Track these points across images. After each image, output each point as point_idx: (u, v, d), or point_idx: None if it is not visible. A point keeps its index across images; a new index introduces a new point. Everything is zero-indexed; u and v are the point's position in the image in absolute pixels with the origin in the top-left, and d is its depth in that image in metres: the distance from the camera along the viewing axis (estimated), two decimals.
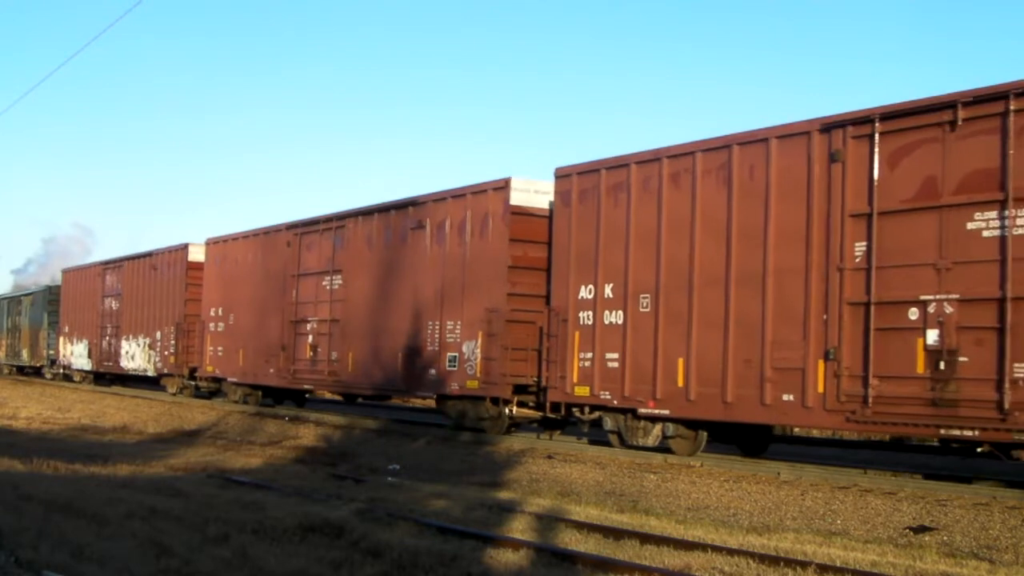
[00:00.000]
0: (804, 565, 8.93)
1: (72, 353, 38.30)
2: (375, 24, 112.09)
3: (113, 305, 34.07)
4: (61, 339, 39.65)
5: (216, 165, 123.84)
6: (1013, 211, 11.12)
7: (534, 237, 17.52)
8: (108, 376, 35.67)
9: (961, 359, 11.47)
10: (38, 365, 42.82)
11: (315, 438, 20.84)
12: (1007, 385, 11.01)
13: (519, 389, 17.54)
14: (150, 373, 31.22)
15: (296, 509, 11.49)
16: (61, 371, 39.80)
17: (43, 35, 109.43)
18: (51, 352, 41.15)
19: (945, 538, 10.72)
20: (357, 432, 20.84)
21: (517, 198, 17.61)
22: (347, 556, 9.05)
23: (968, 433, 11.49)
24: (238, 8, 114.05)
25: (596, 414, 16.14)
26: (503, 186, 17.72)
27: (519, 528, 11.07)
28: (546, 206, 17.55)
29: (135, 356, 32.14)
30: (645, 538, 10.27)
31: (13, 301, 47.34)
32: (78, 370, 37.81)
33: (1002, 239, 11.22)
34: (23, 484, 12.57)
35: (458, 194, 18.85)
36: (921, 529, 11.01)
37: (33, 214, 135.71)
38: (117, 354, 33.53)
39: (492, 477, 15.55)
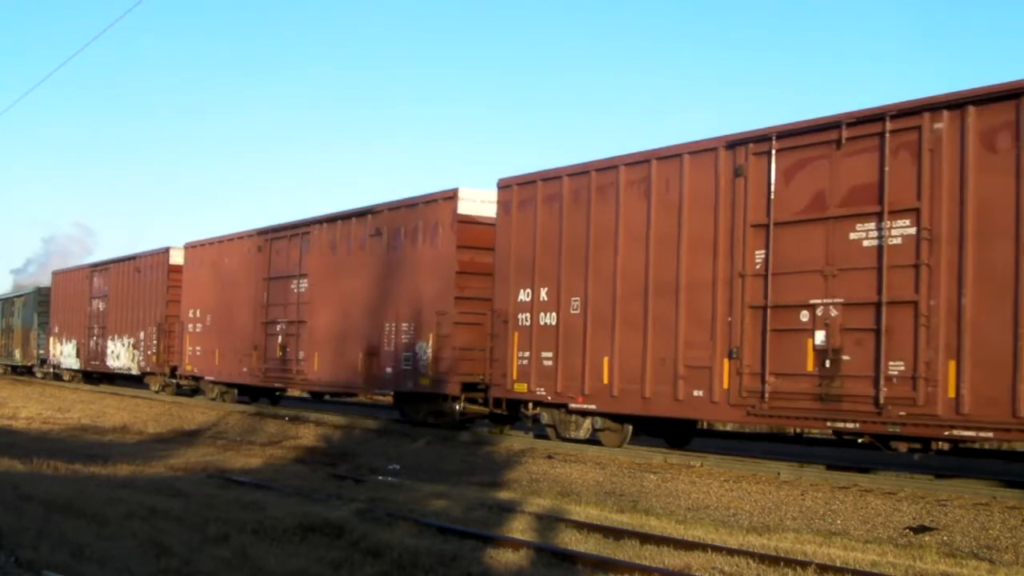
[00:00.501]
0: (804, 565, 8.93)
1: (61, 353, 39.37)
2: (375, 24, 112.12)
3: (100, 306, 35.23)
4: (51, 339, 40.70)
5: (216, 165, 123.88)
6: (889, 223, 12.28)
7: (481, 243, 18.47)
8: (95, 375, 36.67)
9: (844, 358, 12.62)
10: (29, 364, 43.73)
11: (315, 438, 20.84)
12: (883, 381, 12.13)
13: (470, 386, 18.47)
14: (134, 372, 32.35)
15: (296, 509, 11.49)
16: (51, 370, 40.75)
17: (43, 35, 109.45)
18: (41, 352, 42.20)
19: (945, 538, 10.72)
20: (357, 432, 20.84)
21: (465, 207, 18.74)
22: (347, 556, 9.05)
23: (850, 426, 12.64)
24: (238, 8, 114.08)
25: (537, 409, 17.14)
26: (451, 196, 18.85)
27: (519, 528, 11.07)
28: (492, 214, 18.26)
29: (120, 356, 33.28)
30: (645, 538, 10.28)
31: (7, 302, 48.06)
32: (67, 369, 38.80)
33: (879, 248, 12.35)
34: (23, 484, 12.57)
35: (411, 203, 20.01)
36: (921, 529, 11.01)
37: (33, 214, 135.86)
38: (103, 354, 34.65)
39: (492, 477, 15.55)
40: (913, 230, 12.09)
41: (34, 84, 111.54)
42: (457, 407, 18.75)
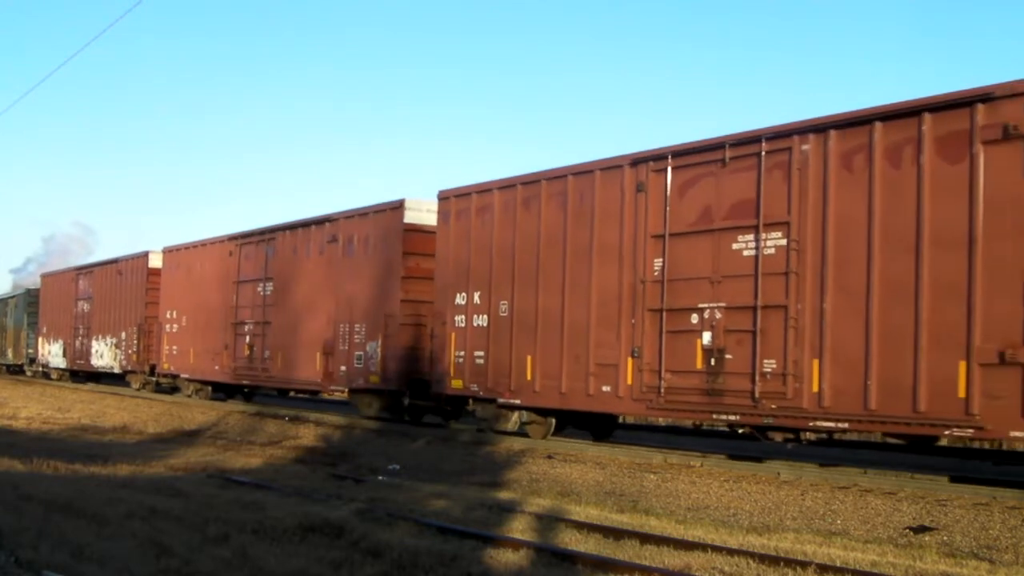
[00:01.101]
0: (804, 565, 8.93)
1: (49, 352, 40.95)
2: (375, 25, 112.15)
3: (85, 308, 36.86)
4: (40, 339, 42.35)
5: (216, 165, 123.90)
6: (764, 235, 13.63)
7: (424, 250, 19.99)
8: (81, 373, 38.04)
9: (727, 356, 14.00)
10: (20, 363, 45.61)
11: (315, 438, 20.85)
12: (758, 378, 13.53)
13: (416, 383, 20.01)
14: (116, 370, 33.96)
15: (296, 509, 11.49)
16: (40, 369, 42.31)
17: (43, 35, 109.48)
18: (31, 351, 43.91)
19: (945, 538, 10.72)
20: (357, 432, 20.85)
21: (410, 216, 20.36)
22: (347, 556, 9.05)
23: (733, 418, 14.09)
24: (238, 8, 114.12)
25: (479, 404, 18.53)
26: (398, 206, 20.53)
27: (519, 528, 11.07)
28: (435, 223, 19.72)
29: (103, 355, 34.87)
30: (645, 538, 10.28)
31: (2, 303, 49.37)
32: (55, 368, 40.36)
33: (756, 258, 13.71)
34: (23, 484, 12.57)
35: (363, 212, 21.67)
36: (921, 529, 11.02)
37: (34, 214, 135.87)
38: (88, 353, 36.22)
39: (492, 477, 15.56)
40: (784, 241, 13.41)
41: (34, 84, 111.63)
42: (404, 402, 20.36)
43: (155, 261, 31.53)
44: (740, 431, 14.91)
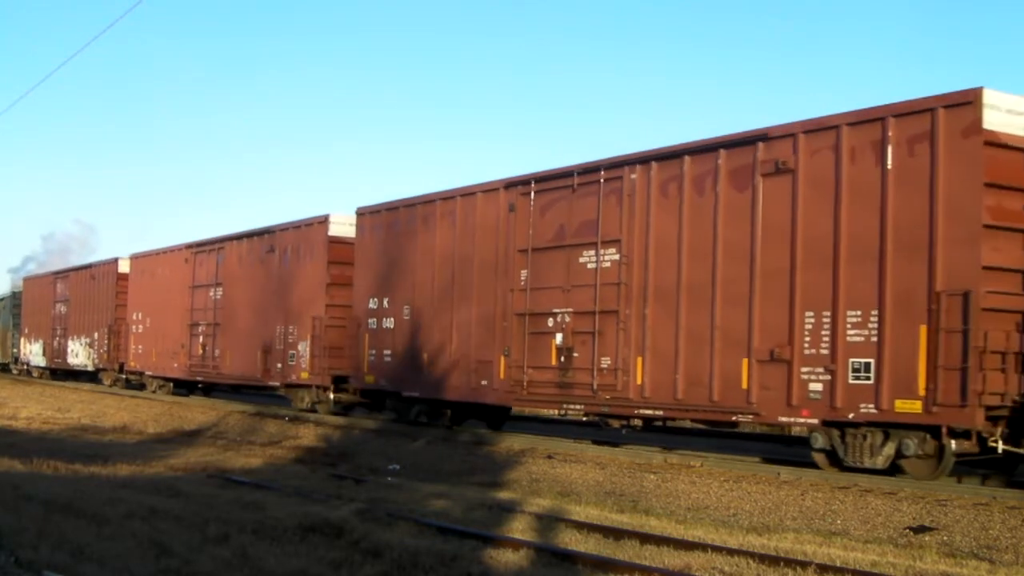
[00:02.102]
0: (804, 565, 8.93)
1: (31, 352, 43.58)
2: (377, 24, 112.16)
3: (62, 310, 39.28)
4: (23, 339, 45.11)
5: (217, 165, 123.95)
6: (602, 250, 15.96)
7: (346, 260, 22.24)
8: (59, 371, 40.38)
9: (575, 354, 16.27)
10: (6, 362, 48.27)
11: (315, 438, 20.86)
12: (596, 372, 15.79)
13: (340, 379, 22.40)
14: (89, 368, 36.59)
15: (296, 509, 11.49)
16: (24, 367, 44.84)
17: (43, 35, 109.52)
18: (15, 351, 46.66)
19: (945, 538, 10.72)
20: (357, 432, 20.86)
21: (335, 229, 22.78)
22: (347, 556, 9.05)
23: (578, 407, 16.51)
24: (239, 7, 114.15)
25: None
26: (324, 220, 23.05)
27: (519, 528, 11.07)
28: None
29: (79, 354, 37.44)
30: (645, 538, 10.27)
31: None
32: (35, 366, 42.99)
33: (596, 270, 16.04)
34: (23, 484, 12.57)
35: (296, 225, 24.26)
36: (921, 529, 11.02)
37: (35, 213, 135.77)
38: (65, 352, 38.79)
39: (492, 477, 15.56)
40: (617, 256, 15.72)
41: (34, 84, 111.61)
42: (330, 396, 22.92)
43: (124, 267, 34.00)
44: (584, 418, 17.67)
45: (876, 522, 11.43)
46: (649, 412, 15.17)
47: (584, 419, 18.42)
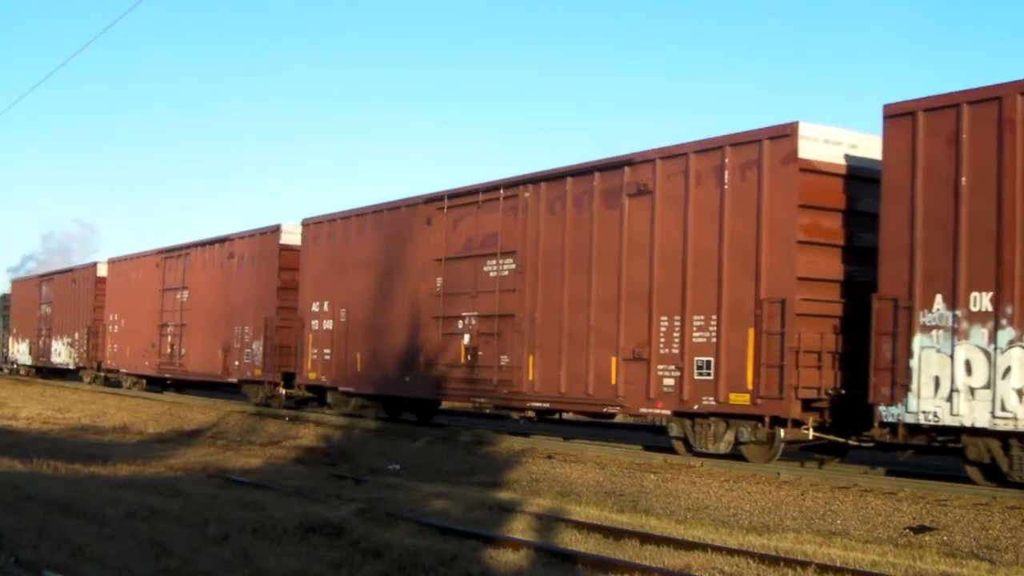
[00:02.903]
0: (804, 565, 8.93)
1: (18, 351, 45.99)
2: (378, 24, 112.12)
3: (47, 311, 41.56)
4: (10, 339, 47.42)
5: (218, 164, 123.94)
6: (502, 260, 17.82)
7: (296, 266, 24.26)
8: (45, 369, 42.56)
9: (480, 353, 18.14)
10: None
11: (315, 438, 20.86)
12: (498, 369, 17.69)
13: (290, 376, 24.34)
14: (71, 366, 38.75)
15: (296, 509, 11.50)
16: (13, 366, 46.86)
17: (43, 35, 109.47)
18: (4, 350, 48.94)
19: (945, 538, 10.72)
20: (357, 432, 20.87)
21: (285, 238, 24.88)
22: (347, 556, 9.05)
23: (483, 400, 18.42)
24: (240, 7, 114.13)
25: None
26: (276, 230, 25.25)
27: (519, 528, 11.07)
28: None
29: (61, 353, 39.74)
30: (645, 538, 10.27)
31: None
32: (22, 365, 45.29)
33: (497, 277, 17.87)
34: (23, 484, 12.57)
35: (252, 234, 26.45)
36: (921, 529, 11.01)
37: (36, 214, 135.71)
38: (49, 351, 41.08)
39: (492, 477, 15.56)
40: (513, 265, 17.60)
41: (34, 84, 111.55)
42: (282, 391, 24.82)
43: (102, 271, 36.28)
44: (487, 410, 19.53)
45: (876, 522, 11.43)
46: (539, 404, 17.35)
47: (487, 411, 20.22)
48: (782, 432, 13.79)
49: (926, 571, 9.22)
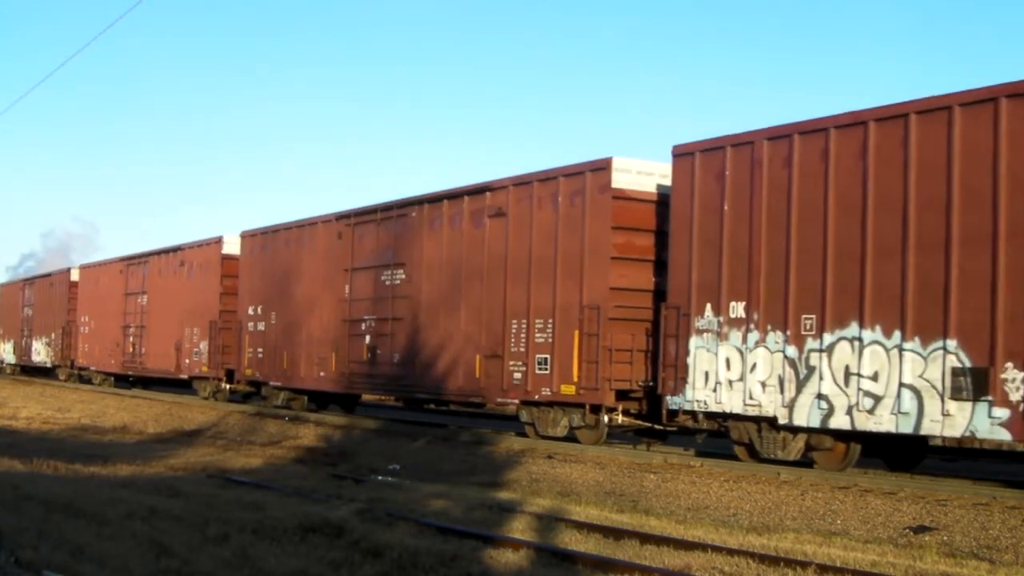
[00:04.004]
0: (804, 565, 8.92)
1: (4, 350, 48.57)
2: (379, 24, 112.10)
3: (29, 313, 44.61)
4: None
5: (218, 163, 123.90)
6: (395, 271, 20.54)
7: (237, 274, 27.09)
8: (28, 368, 45.05)
9: (378, 351, 20.84)
10: None
11: (315, 438, 20.86)
12: (391, 365, 20.48)
13: (231, 372, 27.06)
14: (48, 364, 41.55)
15: (296, 509, 11.49)
16: (1, 364, 49.23)
17: (43, 35, 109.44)
18: None
19: (945, 538, 10.71)
20: (357, 432, 20.87)
21: (227, 248, 27.66)
22: (347, 556, 9.05)
23: (381, 392, 22.47)
24: (239, 7, 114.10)
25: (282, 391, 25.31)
26: (218, 241, 28.02)
27: (519, 528, 11.06)
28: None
29: (40, 352, 42.62)
30: (645, 538, 10.27)
31: None
32: (8, 363, 47.77)
33: (391, 285, 20.59)
34: (23, 484, 12.57)
35: (199, 244, 29.47)
36: (921, 529, 11.01)
37: (37, 213, 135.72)
38: (30, 350, 43.94)
39: (492, 477, 15.55)
40: (404, 275, 20.23)
41: (34, 84, 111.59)
42: (226, 386, 27.57)
43: (75, 276, 39.21)
44: (390, 401, 23.60)
45: (876, 522, 11.42)
46: (423, 395, 20.68)
47: (384, 400, 24.20)
48: (606, 418, 16.24)
49: (926, 571, 9.22)
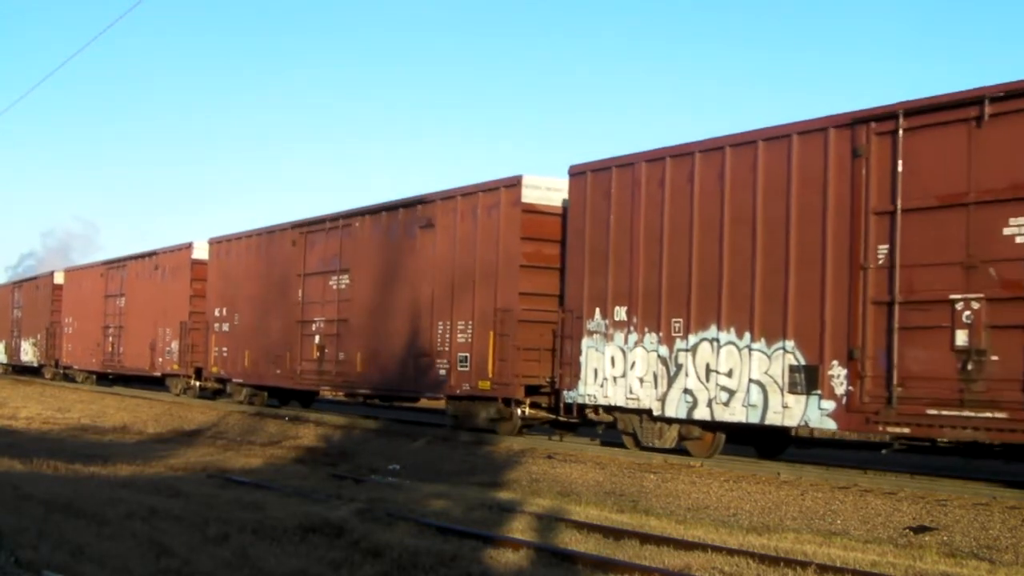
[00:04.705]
0: (804, 565, 8.92)
1: None
2: (379, 24, 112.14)
3: (18, 314, 46.77)
4: None
5: (221, 163, 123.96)
6: (340, 276, 22.27)
7: (205, 278, 28.87)
8: (16, 367, 46.99)
9: (326, 350, 22.61)
10: None
11: (315, 438, 20.85)
12: (336, 363, 22.15)
13: (199, 369, 29.06)
14: (35, 364, 43.66)
15: (296, 509, 11.49)
16: None
17: (43, 35, 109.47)
18: None
19: (945, 538, 10.71)
20: (357, 432, 20.86)
21: (197, 253, 29.51)
22: (347, 556, 9.05)
23: (328, 387, 23.51)
24: (239, 7, 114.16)
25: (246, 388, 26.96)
26: (188, 247, 29.94)
27: (519, 528, 11.06)
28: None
29: (28, 351, 44.79)
30: (645, 538, 10.26)
31: None
32: (0, 364, 49.64)
33: (337, 290, 22.33)
34: (23, 484, 12.57)
35: (171, 250, 31.32)
36: (921, 529, 11.01)
37: (37, 213, 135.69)
38: (19, 350, 46.15)
39: (492, 477, 15.55)
40: (348, 281, 21.97)
41: (34, 84, 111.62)
42: (195, 383, 29.39)
43: (59, 279, 41.15)
44: (331, 396, 25.91)
45: (876, 522, 11.42)
46: (365, 391, 21.92)
47: (331, 396, 26.27)
48: (518, 411, 17.75)
49: (926, 571, 9.22)
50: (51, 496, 11.58)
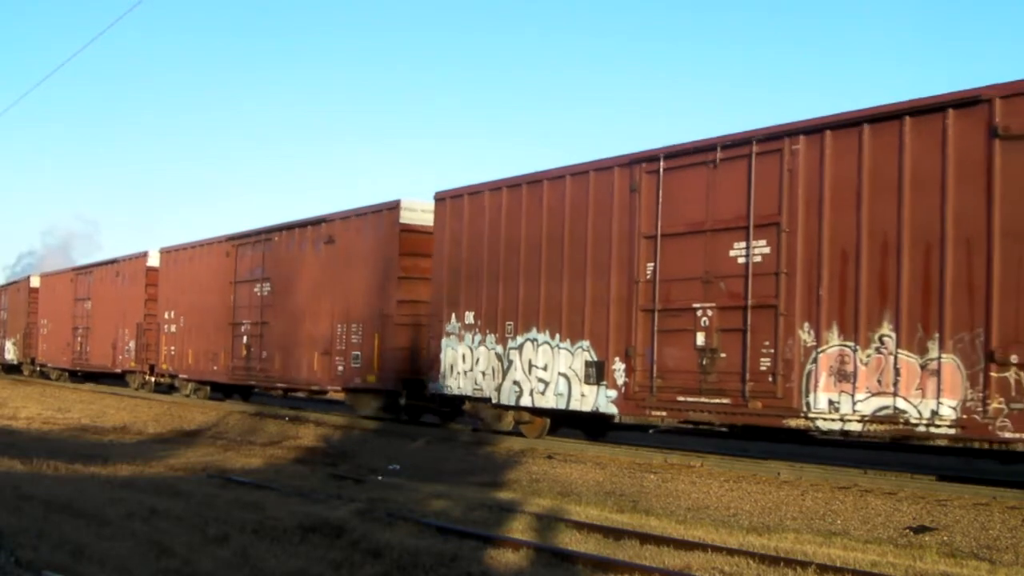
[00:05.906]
0: (804, 565, 8.92)
1: None
2: (380, 24, 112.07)
3: (3, 315, 49.72)
4: None
5: (220, 162, 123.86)
6: (262, 284, 25.17)
7: (158, 283, 31.93)
8: (4, 366, 49.38)
9: (252, 349, 25.46)
10: None
11: (315, 438, 20.84)
12: (259, 360, 24.88)
13: (152, 367, 31.79)
14: (15, 361, 46.61)
15: (296, 509, 11.48)
16: None
17: (43, 35, 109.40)
18: None
19: (945, 538, 10.71)
20: (357, 432, 20.85)
21: (151, 261, 32.40)
22: (347, 556, 9.04)
23: (254, 383, 26.80)
24: (241, 7, 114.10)
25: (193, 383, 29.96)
26: (143, 255, 32.90)
27: (519, 528, 11.06)
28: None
29: (10, 350, 47.72)
30: (645, 538, 10.26)
31: None
32: None
33: (260, 295, 25.16)
34: (23, 484, 12.57)
35: (129, 258, 34.23)
36: (921, 529, 11.01)
37: (38, 212, 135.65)
38: (3, 349, 49.00)
39: (492, 477, 15.54)
40: (270, 287, 24.90)
41: (35, 84, 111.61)
42: (150, 379, 32.27)
43: (35, 283, 44.37)
44: (256, 390, 28.99)
45: (876, 522, 11.42)
46: (282, 385, 24.88)
47: (256, 390, 28.98)
48: (402, 400, 20.53)
49: (926, 571, 9.22)
50: (51, 496, 11.58)
